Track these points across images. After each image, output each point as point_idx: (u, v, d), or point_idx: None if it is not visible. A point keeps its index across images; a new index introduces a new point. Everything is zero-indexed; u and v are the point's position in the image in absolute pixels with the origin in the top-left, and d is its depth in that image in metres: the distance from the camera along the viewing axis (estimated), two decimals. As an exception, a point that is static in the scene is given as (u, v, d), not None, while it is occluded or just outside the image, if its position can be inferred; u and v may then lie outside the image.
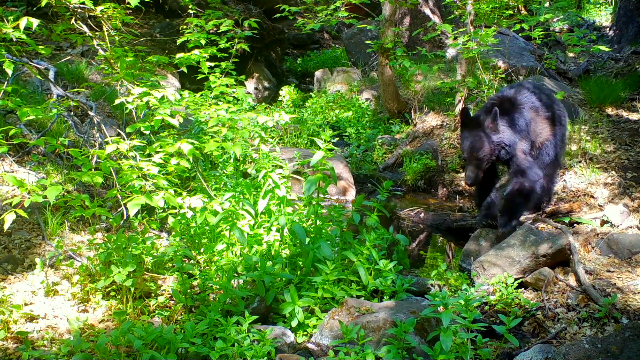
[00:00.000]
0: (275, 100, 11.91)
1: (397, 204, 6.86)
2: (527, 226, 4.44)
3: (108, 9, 4.50)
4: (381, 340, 3.13)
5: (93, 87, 6.48)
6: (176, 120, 4.34)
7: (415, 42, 11.63)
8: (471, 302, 3.06)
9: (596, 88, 7.91)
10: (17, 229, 4.40)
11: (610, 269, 4.11)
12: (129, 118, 5.97)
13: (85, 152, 3.83)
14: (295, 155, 6.54)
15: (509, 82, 9.10)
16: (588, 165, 5.65)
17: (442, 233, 5.98)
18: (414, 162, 7.42)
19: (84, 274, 3.84)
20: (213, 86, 5.24)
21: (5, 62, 3.82)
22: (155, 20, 12.00)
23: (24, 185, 3.19)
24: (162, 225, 4.83)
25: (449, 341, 2.87)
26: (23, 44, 4.17)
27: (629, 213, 4.88)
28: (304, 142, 8.57)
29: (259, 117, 4.82)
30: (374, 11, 9.30)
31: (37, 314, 3.45)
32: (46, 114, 4.38)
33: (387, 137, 8.79)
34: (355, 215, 4.10)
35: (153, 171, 3.61)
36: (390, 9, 8.39)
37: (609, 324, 3.41)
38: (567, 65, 11.32)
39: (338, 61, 14.12)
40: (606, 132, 6.38)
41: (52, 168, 5.15)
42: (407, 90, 10.06)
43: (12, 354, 3.00)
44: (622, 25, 13.01)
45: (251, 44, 6.50)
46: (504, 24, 7.24)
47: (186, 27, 5.57)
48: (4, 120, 5.53)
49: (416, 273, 4.74)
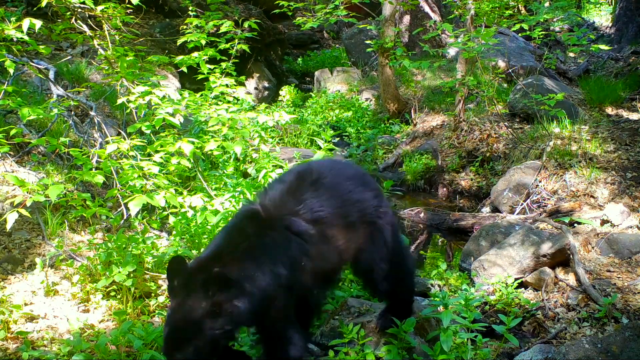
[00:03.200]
0: (275, 100, 11.91)
1: (397, 204, 6.86)
2: (527, 226, 4.44)
3: (108, 9, 4.50)
4: (381, 340, 3.13)
5: (93, 87, 6.48)
6: (177, 119, 4.34)
7: (415, 42, 11.63)
8: (471, 302, 3.07)
9: (596, 88, 7.91)
10: (17, 229, 4.40)
11: (610, 269, 4.11)
12: (129, 118, 5.96)
13: (85, 152, 3.83)
14: (295, 155, 6.53)
15: (509, 82, 9.12)
16: (588, 165, 5.66)
17: (442, 233, 5.98)
18: (414, 162, 7.42)
19: (84, 274, 3.84)
20: (213, 86, 5.24)
21: (7, 62, 3.82)
22: (155, 20, 11.99)
23: (25, 185, 3.20)
24: (162, 225, 4.83)
25: (449, 341, 2.87)
26: (24, 43, 4.17)
27: (629, 213, 4.88)
28: (304, 142, 8.57)
29: (259, 117, 4.82)
30: (374, 11, 9.29)
31: (37, 314, 3.45)
32: (47, 114, 4.38)
33: (387, 137, 8.79)
34: (356, 215, 4.09)
35: (154, 170, 3.62)
36: (390, 9, 8.39)
37: (609, 323, 3.41)
38: (567, 65, 11.32)
39: (338, 61, 14.11)
40: (606, 132, 6.38)
41: (52, 168, 5.15)
42: (407, 90, 10.06)
43: (12, 354, 3.00)
44: (622, 25, 13.01)
45: (251, 44, 6.50)
46: (504, 24, 7.24)
47: (186, 27, 5.57)
48: (4, 120, 5.52)
49: (416, 273, 4.74)
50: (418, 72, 10.49)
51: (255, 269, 2.49)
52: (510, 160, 6.70)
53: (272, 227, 2.59)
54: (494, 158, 7.01)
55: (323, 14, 7.64)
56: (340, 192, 2.76)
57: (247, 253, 2.52)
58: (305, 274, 2.65)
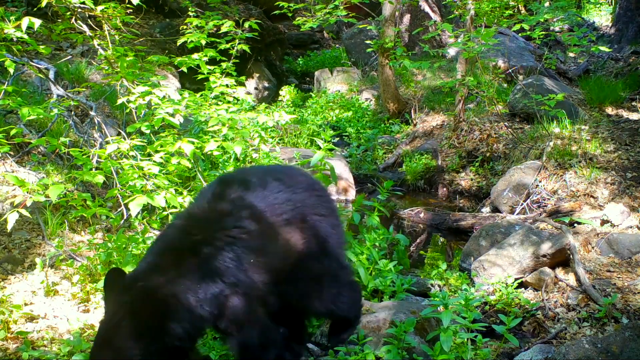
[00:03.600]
0: (275, 100, 11.91)
1: (397, 204, 6.86)
2: (527, 226, 4.44)
3: (108, 9, 4.50)
4: (381, 340, 3.13)
5: (93, 87, 6.48)
6: (177, 119, 4.34)
7: (415, 42, 11.63)
8: (471, 302, 3.07)
9: (596, 88, 7.91)
10: (17, 229, 4.40)
11: (610, 269, 4.11)
12: (129, 118, 5.96)
13: (85, 152, 3.83)
14: (295, 155, 6.54)
15: (509, 82, 9.12)
16: (588, 165, 5.66)
17: (442, 233, 5.98)
18: (414, 162, 7.42)
19: (84, 274, 3.84)
20: (213, 86, 5.24)
21: (7, 62, 3.82)
22: (155, 20, 11.99)
23: (25, 185, 3.20)
24: (163, 225, 4.83)
25: (449, 341, 2.87)
26: (24, 43, 4.17)
27: (629, 213, 4.88)
28: (304, 142, 8.57)
29: (259, 117, 4.82)
30: (374, 11, 9.30)
31: (37, 314, 3.45)
32: (47, 114, 4.38)
33: (387, 137, 8.80)
34: (355, 215, 4.10)
35: (154, 171, 3.62)
36: (390, 9, 8.39)
37: (609, 324, 3.41)
38: (567, 65, 11.32)
39: (338, 61, 14.11)
40: (606, 132, 6.38)
41: (52, 168, 5.15)
42: (407, 90, 10.06)
43: (12, 354, 3.00)
44: (622, 25, 13.00)
45: (251, 44, 6.50)
46: (504, 24, 7.25)
47: (186, 27, 5.57)
48: (4, 120, 5.52)
49: (416, 273, 4.74)
50: (418, 72, 10.49)
51: (190, 281, 2.29)
52: (510, 160, 6.70)
53: (204, 232, 2.42)
54: (494, 158, 7.01)
55: (323, 14, 7.64)
56: (269, 191, 2.63)
57: (179, 264, 2.32)
58: (256, 271, 2.46)
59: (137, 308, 2.19)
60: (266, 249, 2.52)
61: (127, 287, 2.25)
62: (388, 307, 3.45)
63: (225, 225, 2.45)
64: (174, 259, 2.35)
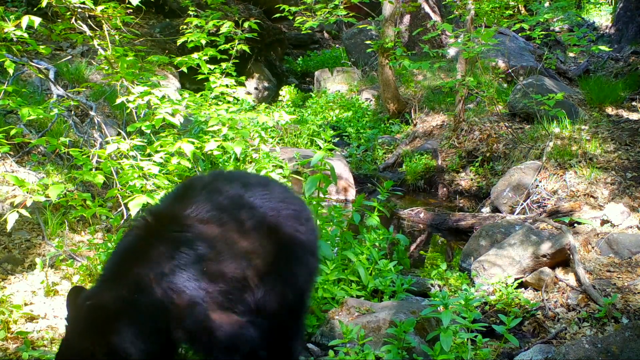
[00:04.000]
0: (275, 100, 11.91)
1: (397, 204, 6.86)
2: (527, 226, 4.44)
3: (108, 9, 4.50)
4: (381, 340, 3.13)
5: (93, 87, 6.48)
6: (177, 119, 4.34)
7: (415, 42, 11.63)
8: (471, 302, 3.07)
9: (596, 88, 7.91)
10: (17, 229, 4.40)
11: (610, 269, 4.11)
12: (129, 118, 5.96)
13: (85, 152, 3.83)
14: (295, 155, 6.54)
15: (509, 82, 9.12)
16: (588, 165, 5.66)
17: (442, 233, 5.98)
18: (414, 162, 7.42)
19: (84, 274, 3.84)
20: (213, 86, 5.24)
21: (7, 62, 3.82)
22: (155, 20, 11.99)
23: (25, 185, 3.19)
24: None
25: (449, 341, 2.87)
26: (24, 43, 4.17)
27: (629, 213, 4.88)
28: (304, 142, 8.57)
29: (259, 117, 4.82)
30: (374, 11, 9.30)
31: (37, 314, 3.45)
32: (47, 114, 4.38)
33: (387, 137, 8.80)
34: (356, 215, 4.10)
35: (154, 170, 3.62)
36: (390, 9, 8.40)
37: (609, 324, 3.41)
38: (567, 65, 11.33)
39: (338, 61, 14.12)
40: (606, 132, 6.38)
41: (52, 168, 5.15)
42: (407, 90, 10.06)
43: (12, 354, 3.00)
44: (622, 25, 13.02)
45: (251, 44, 6.51)
46: (504, 24, 7.25)
47: (186, 27, 5.57)
48: (4, 120, 5.52)
49: (416, 273, 4.74)
50: (418, 72, 10.50)
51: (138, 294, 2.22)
52: (510, 160, 6.70)
53: (161, 238, 2.36)
54: (494, 158, 7.01)
55: (323, 14, 7.65)
56: (230, 195, 2.55)
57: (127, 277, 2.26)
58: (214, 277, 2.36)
59: (83, 328, 2.18)
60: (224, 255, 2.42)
61: (79, 306, 2.24)
62: (388, 307, 3.45)
63: (176, 229, 2.39)
64: (123, 272, 2.31)
